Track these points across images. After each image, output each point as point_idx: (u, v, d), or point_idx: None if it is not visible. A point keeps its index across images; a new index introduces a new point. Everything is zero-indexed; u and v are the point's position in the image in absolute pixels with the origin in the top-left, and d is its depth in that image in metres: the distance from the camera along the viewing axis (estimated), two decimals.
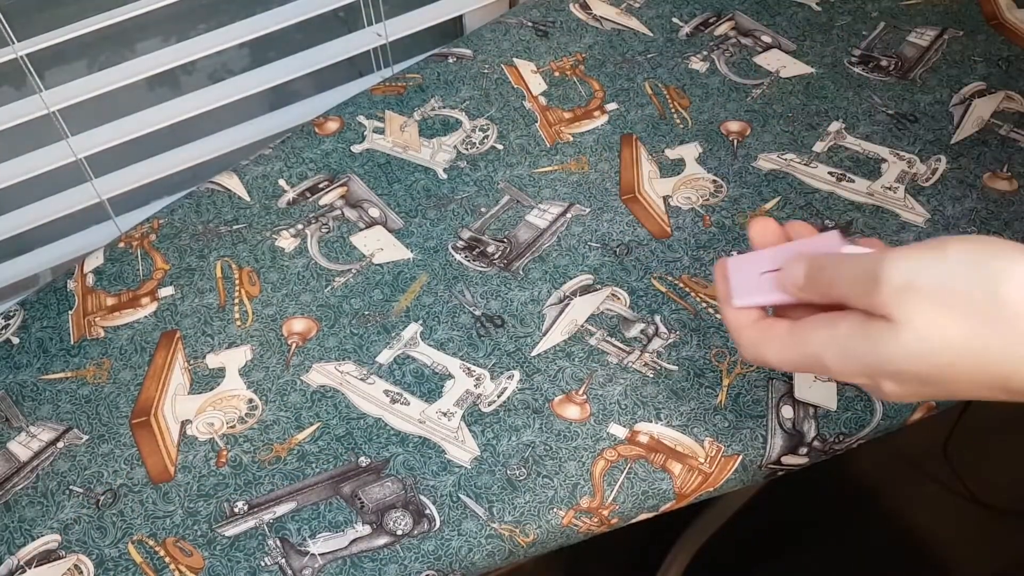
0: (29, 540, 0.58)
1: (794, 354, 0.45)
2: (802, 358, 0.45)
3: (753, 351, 0.47)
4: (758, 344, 0.47)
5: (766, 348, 0.46)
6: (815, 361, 0.44)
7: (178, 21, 0.96)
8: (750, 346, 0.47)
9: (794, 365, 0.46)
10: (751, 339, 0.47)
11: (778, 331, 0.46)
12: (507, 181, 0.76)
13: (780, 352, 0.46)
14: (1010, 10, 0.86)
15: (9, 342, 0.68)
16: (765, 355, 0.46)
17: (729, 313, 0.49)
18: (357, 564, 0.56)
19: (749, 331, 0.48)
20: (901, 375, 0.41)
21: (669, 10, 0.89)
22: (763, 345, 0.47)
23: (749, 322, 0.48)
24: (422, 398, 0.63)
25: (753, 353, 0.47)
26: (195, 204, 0.76)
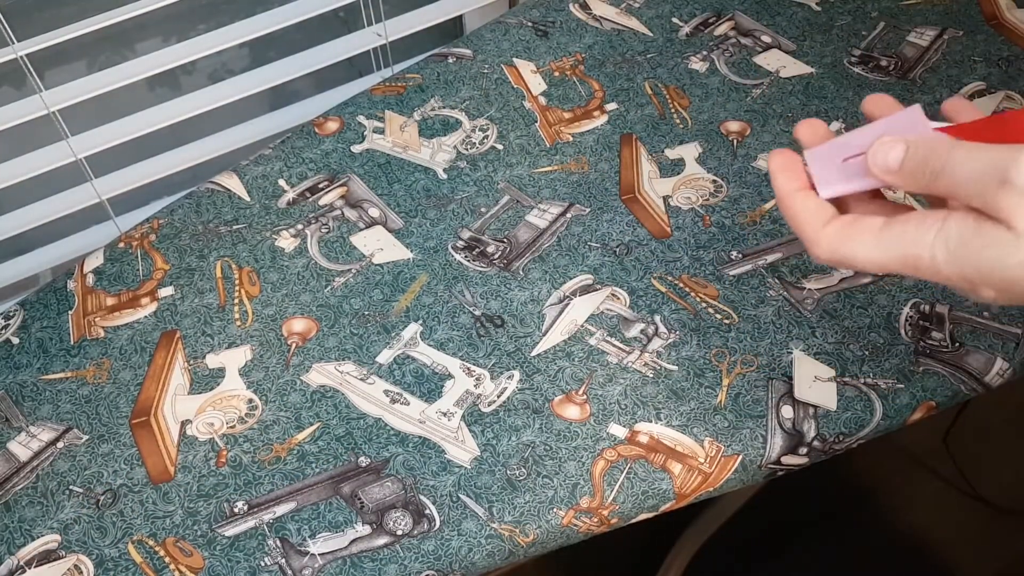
0: (29, 540, 0.58)
1: (890, 253, 0.42)
2: (899, 257, 0.41)
3: (834, 249, 0.43)
4: (843, 241, 0.43)
5: (854, 245, 0.43)
6: (914, 261, 0.41)
7: (178, 21, 0.96)
8: (831, 244, 0.43)
9: (885, 264, 0.42)
10: (833, 236, 0.43)
11: (869, 227, 0.42)
12: (507, 181, 0.76)
13: (872, 249, 0.42)
14: (1010, 10, 0.86)
15: (9, 342, 0.68)
16: (852, 253, 0.43)
17: (799, 208, 0.45)
18: (357, 564, 0.56)
19: (831, 228, 0.44)
20: (1012, 286, 0.38)
21: (669, 10, 0.89)
22: (850, 242, 0.43)
23: (827, 218, 0.44)
24: (422, 398, 0.63)
25: (834, 251, 0.43)
26: (195, 204, 0.76)
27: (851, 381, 0.62)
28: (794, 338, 0.65)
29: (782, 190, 0.46)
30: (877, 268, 0.43)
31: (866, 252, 0.42)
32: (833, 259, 0.44)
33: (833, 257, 0.44)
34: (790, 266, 0.69)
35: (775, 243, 0.70)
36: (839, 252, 0.43)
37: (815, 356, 0.64)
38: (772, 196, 0.73)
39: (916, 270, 0.41)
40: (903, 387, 0.62)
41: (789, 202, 0.45)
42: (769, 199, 0.73)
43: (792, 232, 0.48)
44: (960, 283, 0.40)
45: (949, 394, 0.62)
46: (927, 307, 0.66)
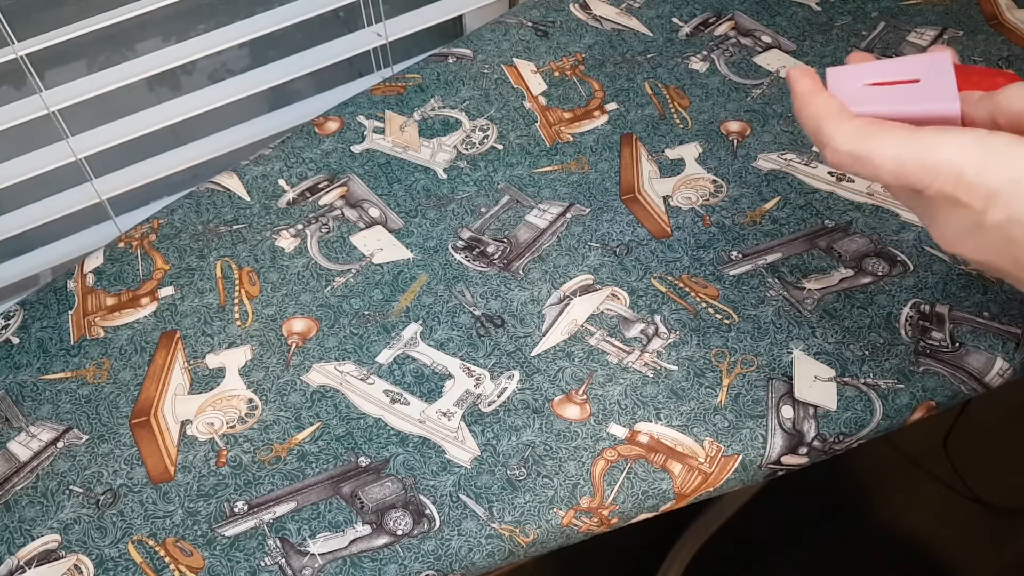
0: (29, 540, 0.58)
1: (913, 152, 0.40)
2: (920, 160, 0.39)
3: (853, 143, 0.42)
4: (864, 136, 0.41)
5: (875, 141, 0.41)
6: (943, 164, 0.39)
7: (178, 21, 0.96)
8: (850, 137, 0.42)
9: (901, 166, 0.40)
10: (854, 129, 0.42)
11: (899, 127, 0.41)
12: (507, 181, 0.76)
13: (896, 146, 0.40)
14: (1010, 10, 0.86)
15: (9, 342, 0.68)
16: (871, 148, 0.41)
17: (820, 104, 0.43)
18: (357, 564, 0.56)
19: (854, 122, 0.42)
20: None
21: (669, 10, 0.89)
22: (871, 138, 0.41)
23: (850, 117, 0.43)
24: (422, 398, 0.63)
25: (852, 146, 0.42)
26: (195, 204, 0.76)
27: (851, 381, 0.62)
28: (794, 338, 0.65)
29: (803, 89, 0.44)
30: (893, 171, 0.41)
31: (887, 148, 0.41)
32: (851, 152, 0.42)
33: (851, 150, 0.42)
34: (790, 266, 0.69)
35: (775, 243, 0.70)
36: (857, 146, 0.41)
37: (815, 356, 0.64)
38: (772, 196, 0.73)
39: (934, 176, 0.39)
40: (903, 387, 0.62)
41: (810, 99, 0.44)
42: (770, 199, 0.73)
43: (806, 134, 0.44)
44: (976, 201, 0.39)
45: (949, 394, 0.62)
46: (927, 307, 0.66)
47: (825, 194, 0.73)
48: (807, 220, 0.71)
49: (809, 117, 0.44)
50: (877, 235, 0.70)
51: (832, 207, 0.72)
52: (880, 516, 1.24)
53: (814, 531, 1.22)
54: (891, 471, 1.28)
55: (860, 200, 0.72)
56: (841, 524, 1.23)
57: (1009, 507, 1.23)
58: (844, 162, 0.43)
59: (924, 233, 0.70)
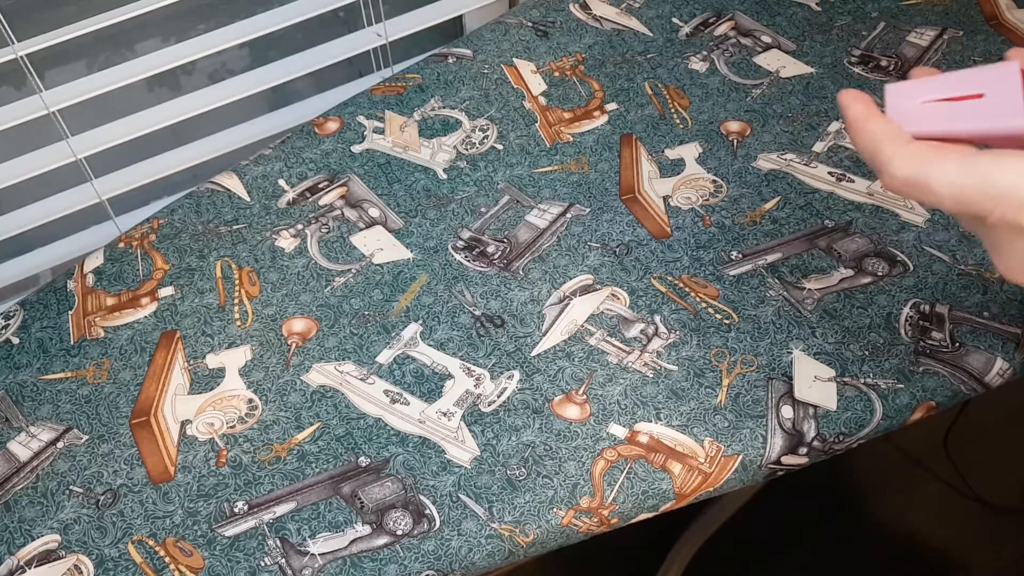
0: (29, 540, 0.58)
1: (974, 178, 0.39)
2: (981, 186, 0.39)
3: (912, 168, 0.41)
4: (923, 160, 0.40)
5: (933, 166, 0.40)
6: (1004, 191, 0.38)
7: (178, 21, 0.96)
8: (909, 161, 0.41)
9: (962, 191, 0.39)
10: (914, 153, 0.41)
11: (959, 151, 0.40)
12: (507, 181, 0.76)
13: (954, 175, 0.39)
14: (1010, 10, 0.86)
15: (9, 342, 0.68)
16: (929, 173, 0.40)
17: (876, 128, 0.43)
18: (357, 564, 0.56)
19: (913, 147, 0.41)
20: None
21: (669, 10, 0.89)
22: (930, 163, 0.40)
23: (908, 140, 0.42)
24: (422, 398, 0.63)
25: (910, 170, 0.41)
26: (195, 204, 0.76)
27: (851, 381, 0.62)
28: (794, 338, 0.65)
29: (859, 115, 0.44)
30: (952, 197, 0.40)
31: (945, 175, 0.40)
32: (908, 179, 0.41)
33: (908, 176, 0.41)
34: (790, 266, 0.69)
35: (775, 243, 0.70)
36: (915, 173, 0.41)
37: (815, 356, 0.64)
38: (772, 196, 0.73)
39: (995, 203, 0.38)
40: (903, 387, 0.62)
41: (867, 125, 0.43)
42: (770, 199, 0.73)
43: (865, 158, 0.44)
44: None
45: (949, 394, 0.62)
46: (927, 307, 0.66)
47: (825, 194, 0.73)
48: (807, 220, 0.71)
49: (865, 142, 0.43)
50: (877, 235, 0.70)
51: (832, 207, 0.72)
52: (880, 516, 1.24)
53: (814, 531, 1.22)
54: (891, 471, 1.28)
55: (860, 200, 0.72)
56: (841, 524, 1.23)
57: (1009, 507, 1.23)
58: (901, 188, 0.42)
59: (924, 233, 0.70)
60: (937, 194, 0.40)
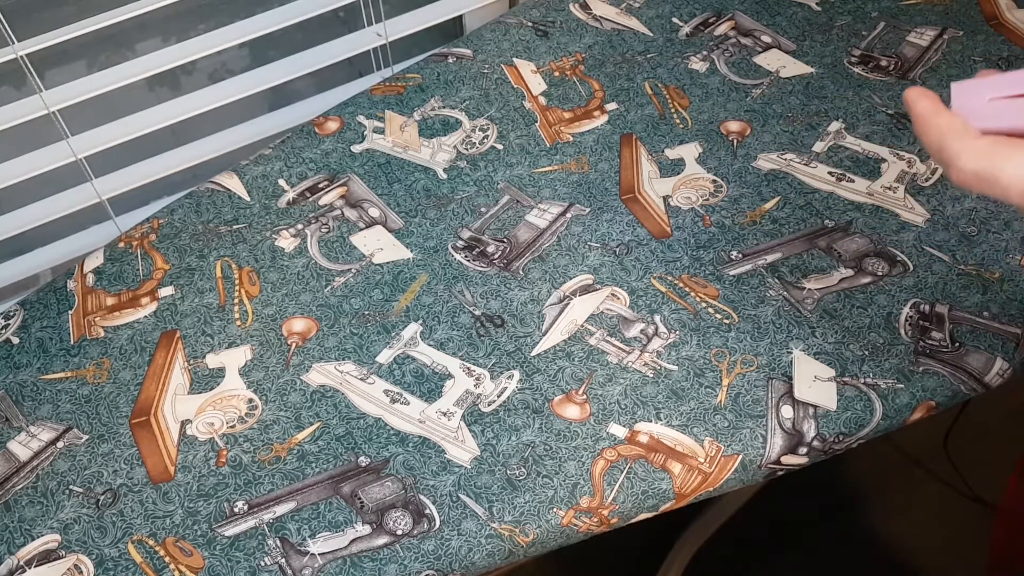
0: (29, 540, 0.58)
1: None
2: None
3: (981, 161, 0.41)
4: (993, 153, 0.40)
5: (1005, 158, 0.40)
6: None
7: (178, 21, 0.96)
8: (979, 154, 0.41)
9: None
10: (984, 147, 0.41)
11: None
12: (507, 181, 0.76)
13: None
14: (1010, 10, 0.86)
15: (9, 342, 0.68)
16: (1001, 166, 0.40)
17: (944, 123, 0.43)
18: (357, 564, 0.56)
19: (982, 140, 0.41)
20: None
21: (669, 10, 0.89)
22: (1000, 155, 0.40)
23: (976, 135, 0.42)
24: (422, 398, 0.63)
25: (980, 163, 0.41)
26: (195, 204, 0.76)
27: (851, 381, 0.62)
28: (794, 338, 0.65)
29: (925, 110, 0.44)
30: (1021, 191, 0.40)
31: (1015, 167, 0.40)
32: (977, 172, 0.41)
33: (978, 169, 0.41)
34: (790, 266, 0.69)
35: (775, 243, 0.70)
36: (984, 165, 0.41)
37: (815, 356, 0.64)
38: (772, 196, 0.73)
39: None
40: (903, 387, 0.62)
41: (934, 120, 0.43)
42: (770, 199, 0.73)
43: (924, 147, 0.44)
44: None
45: (949, 394, 0.62)
46: (927, 307, 0.66)
47: (825, 194, 0.73)
48: (807, 220, 0.71)
49: (932, 137, 0.43)
50: (877, 235, 0.70)
51: (832, 207, 0.72)
52: (880, 516, 1.24)
53: (814, 531, 1.22)
54: (891, 471, 1.27)
55: (860, 200, 0.72)
56: (841, 524, 1.23)
57: None
58: (970, 181, 0.42)
59: (924, 233, 0.70)
60: (1007, 187, 0.40)
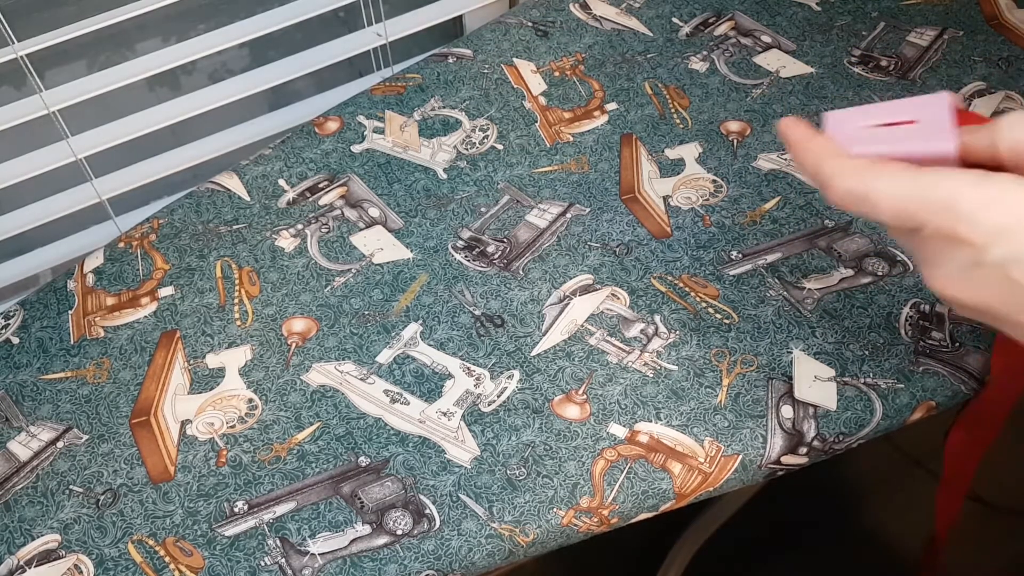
0: (29, 540, 0.58)
1: (915, 192, 0.40)
2: (925, 198, 0.40)
3: (856, 180, 0.42)
4: (867, 172, 0.42)
5: (876, 179, 0.41)
6: (944, 201, 0.39)
7: (178, 21, 0.96)
8: (854, 173, 0.42)
9: (902, 206, 0.41)
10: (858, 166, 0.42)
11: (897, 165, 0.42)
12: (507, 181, 0.76)
13: (895, 186, 0.41)
14: (1010, 10, 0.86)
15: (9, 342, 0.68)
16: (873, 186, 0.41)
17: (818, 146, 0.44)
18: (357, 564, 0.56)
19: (855, 161, 0.43)
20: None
21: (669, 10, 0.89)
22: (874, 175, 0.42)
23: (850, 154, 0.43)
24: (422, 398, 0.63)
25: (854, 183, 0.42)
26: (195, 204, 0.76)
27: (851, 381, 0.62)
28: (794, 338, 0.65)
29: (799, 135, 0.45)
30: (892, 209, 0.41)
31: (886, 186, 0.41)
32: (851, 191, 0.42)
33: (852, 188, 0.42)
34: (790, 266, 0.69)
35: (775, 243, 0.70)
36: (857, 185, 0.42)
37: (815, 356, 0.64)
38: (772, 196, 0.73)
39: (933, 213, 0.39)
40: (903, 387, 0.62)
41: (808, 144, 0.45)
42: (770, 199, 0.73)
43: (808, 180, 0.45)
44: (978, 237, 0.39)
45: (949, 394, 0.62)
46: (927, 307, 0.66)
47: None
48: (807, 220, 0.71)
49: (808, 160, 0.45)
50: (877, 235, 0.70)
51: (832, 207, 0.72)
52: (880, 516, 1.24)
53: (814, 531, 1.22)
54: (891, 471, 1.27)
55: None
56: (841, 524, 1.23)
57: (1009, 507, 1.23)
58: (844, 200, 0.43)
59: None
60: (879, 206, 0.42)
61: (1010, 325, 0.42)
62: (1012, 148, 0.42)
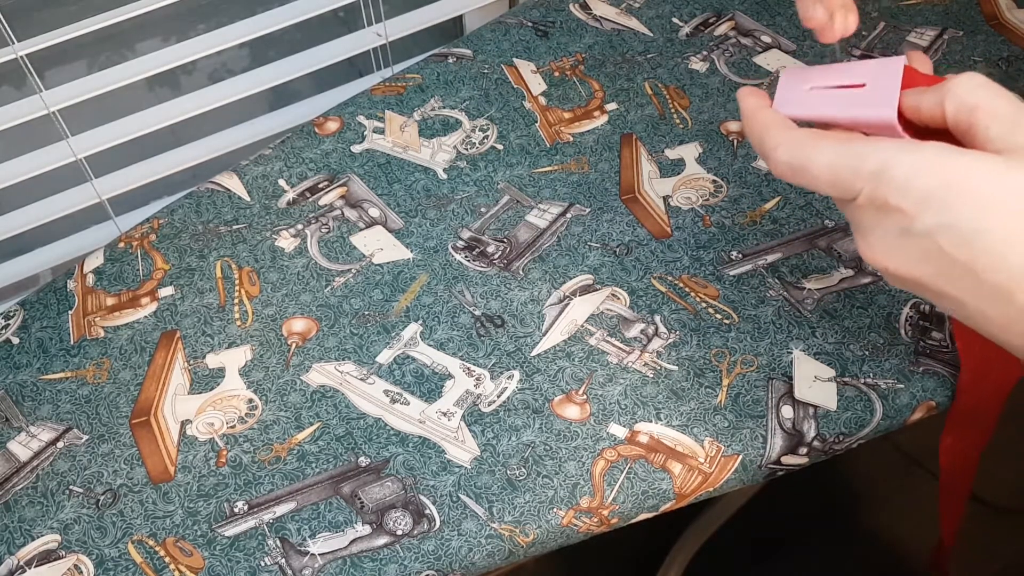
0: (29, 540, 0.58)
1: (847, 161, 0.40)
2: (856, 165, 0.40)
3: (794, 151, 0.43)
4: (803, 146, 0.42)
5: (813, 150, 0.42)
6: (875, 169, 0.39)
7: (178, 21, 0.96)
8: (793, 145, 0.43)
9: (836, 177, 0.41)
10: (798, 137, 0.43)
11: (832, 137, 0.42)
12: (507, 181, 0.76)
13: (829, 157, 0.41)
14: (1010, 10, 0.86)
15: (9, 342, 0.68)
16: (809, 157, 0.42)
17: (766, 118, 0.45)
18: (357, 564, 0.56)
19: (795, 132, 0.43)
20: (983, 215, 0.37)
21: (669, 10, 0.89)
22: (810, 147, 0.42)
23: (792, 126, 0.44)
24: (422, 398, 0.63)
25: (793, 154, 0.43)
26: (195, 204, 0.76)
27: (851, 381, 0.62)
28: (794, 338, 0.65)
29: (750, 105, 0.46)
30: (827, 179, 0.42)
31: (821, 156, 0.42)
32: (790, 163, 0.43)
33: (790, 160, 0.43)
34: (790, 266, 0.69)
35: (775, 243, 0.70)
36: (795, 156, 0.43)
37: (815, 356, 0.64)
38: (772, 196, 0.73)
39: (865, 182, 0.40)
40: (903, 387, 0.62)
41: (758, 115, 0.45)
42: (770, 199, 0.73)
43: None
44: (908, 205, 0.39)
45: (949, 394, 0.62)
46: (927, 307, 0.66)
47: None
48: (807, 220, 0.71)
49: (755, 130, 0.45)
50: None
51: (832, 207, 0.72)
52: (880, 516, 1.24)
53: (814, 531, 1.22)
54: (891, 471, 1.27)
55: None
56: (841, 524, 1.23)
57: (1009, 507, 1.23)
58: (784, 172, 0.44)
59: None
60: (815, 176, 0.42)
61: (940, 297, 0.41)
62: (956, 109, 0.41)
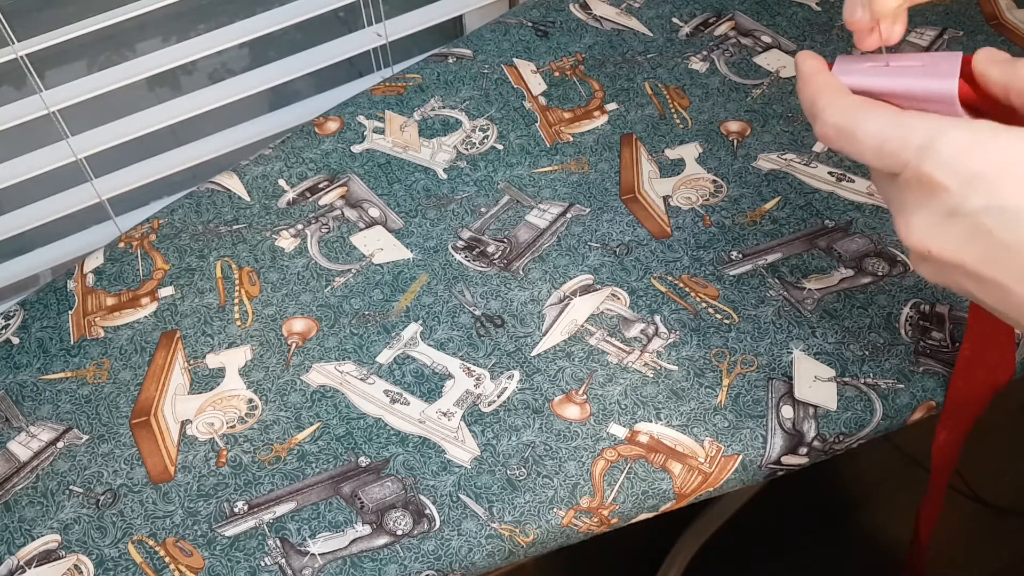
0: (29, 540, 0.58)
1: (898, 132, 0.40)
2: (905, 135, 0.39)
3: (842, 116, 0.42)
4: (855, 111, 0.42)
5: (863, 117, 0.41)
6: (923, 143, 0.39)
7: (178, 21, 0.96)
8: (843, 109, 0.42)
9: (884, 146, 0.40)
10: (847, 104, 0.42)
11: (886, 106, 0.41)
12: (507, 181, 0.76)
13: (879, 125, 0.40)
14: (1010, 10, 0.86)
15: (9, 342, 0.68)
16: (859, 123, 0.41)
17: (821, 81, 0.44)
18: (357, 564, 0.56)
19: (849, 97, 0.43)
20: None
21: (669, 10, 0.89)
22: (861, 113, 0.41)
23: (847, 92, 0.43)
24: (422, 398, 0.63)
25: (841, 118, 0.42)
26: (195, 204, 0.76)
27: (851, 381, 0.62)
28: (794, 338, 0.65)
29: (809, 69, 0.45)
30: (874, 148, 0.41)
31: (871, 125, 0.41)
32: (837, 126, 0.42)
33: (838, 123, 0.42)
34: (790, 266, 0.69)
35: (775, 243, 0.70)
36: (845, 120, 0.42)
37: (815, 356, 0.64)
38: (772, 196, 0.73)
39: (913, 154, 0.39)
40: (903, 387, 0.62)
41: (816, 78, 0.45)
42: (770, 199, 0.73)
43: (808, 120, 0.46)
44: (956, 183, 0.38)
45: None
46: (927, 307, 0.66)
47: (825, 194, 0.73)
48: (807, 220, 0.71)
49: (808, 93, 0.45)
50: (877, 235, 0.70)
51: (832, 207, 0.72)
52: (880, 516, 1.24)
53: (814, 531, 1.22)
54: (891, 471, 1.27)
55: (860, 200, 0.72)
56: (841, 524, 1.23)
57: (1009, 507, 1.23)
58: (830, 135, 0.43)
59: None
60: (862, 143, 0.41)
61: (981, 283, 0.40)
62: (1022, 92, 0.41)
